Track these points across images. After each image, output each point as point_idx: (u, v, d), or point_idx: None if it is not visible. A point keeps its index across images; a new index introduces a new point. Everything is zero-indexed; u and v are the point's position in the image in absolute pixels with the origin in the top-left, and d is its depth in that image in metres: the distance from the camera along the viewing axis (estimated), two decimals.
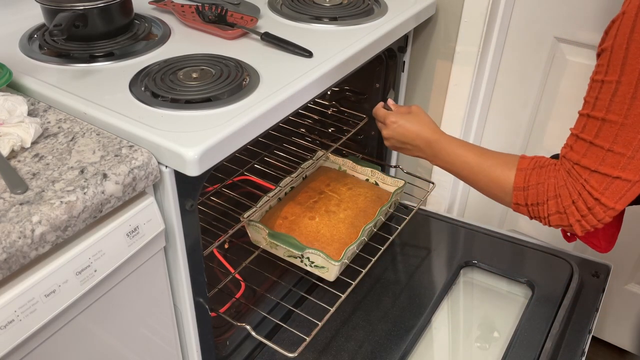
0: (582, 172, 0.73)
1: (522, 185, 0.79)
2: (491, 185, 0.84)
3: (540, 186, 0.77)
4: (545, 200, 0.77)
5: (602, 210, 0.73)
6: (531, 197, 0.78)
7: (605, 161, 0.70)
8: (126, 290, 0.78)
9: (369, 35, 1.04)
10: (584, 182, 0.72)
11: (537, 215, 0.79)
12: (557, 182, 0.76)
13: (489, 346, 1.13)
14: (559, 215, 0.76)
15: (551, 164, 0.78)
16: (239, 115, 0.80)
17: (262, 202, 1.20)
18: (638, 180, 0.70)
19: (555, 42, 1.23)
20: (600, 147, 0.70)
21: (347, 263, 1.15)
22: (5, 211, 0.62)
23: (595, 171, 0.71)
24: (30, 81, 0.86)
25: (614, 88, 0.67)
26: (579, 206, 0.74)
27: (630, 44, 0.65)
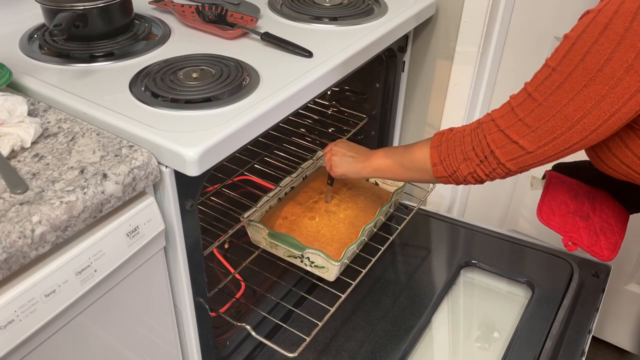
0: (492, 127, 0.79)
1: (436, 144, 0.87)
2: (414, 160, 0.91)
3: (449, 141, 0.86)
4: (453, 150, 0.84)
5: (495, 162, 0.80)
6: (443, 152, 0.86)
7: (513, 127, 0.77)
8: (126, 290, 0.78)
9: (369, 35, 1.04)
10: (488, 134, 0.80)
11: (452, 170, 0.85)
12: (464, 132, 0.84)
13: (489, 346, 1.13)
14: (465, 163, 0.83)
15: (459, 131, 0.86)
16: (239, 115, 0.80)
17: (262, 202, 1.20)
18: (532, 152, 0.77)
19: (555, 42, 1.23)
20: (516, 114, 0.77)
21: (347, 263, 1.15)
22: (5, 211, 0.62)
23: (502, 131, 0.78)
24: (30, 81, 0.86)
25: (549, 73, 0.73)
26: (477, 152, 0.81)
27: (577, 41, 0.69)
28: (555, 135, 0.74)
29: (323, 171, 1.37)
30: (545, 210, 0.99)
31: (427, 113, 1.42)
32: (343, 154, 1.06)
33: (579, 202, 0.99)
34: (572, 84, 0.70)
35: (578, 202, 0.99)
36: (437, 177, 0.89)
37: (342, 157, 1.06)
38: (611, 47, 0.66)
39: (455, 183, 0.88)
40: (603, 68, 0.67)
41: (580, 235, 0.95)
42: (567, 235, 0.96)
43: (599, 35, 0.67)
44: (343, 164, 1.06)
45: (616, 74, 0.66)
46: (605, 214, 0.98)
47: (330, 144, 1.11)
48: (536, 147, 0.76)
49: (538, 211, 1.00)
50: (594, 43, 0.67)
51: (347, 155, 1.06)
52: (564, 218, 0.98)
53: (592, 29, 0.68)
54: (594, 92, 0.69)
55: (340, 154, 1.07)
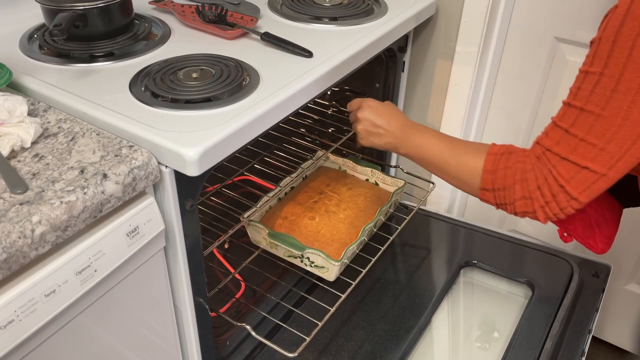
0: (552, 158, 0.72)
1: (491, 168, 0.79)
2: (460, 170, 0.83)
3: (508, 170, 0.77)
4: (512, 184, 0.76)
5: (566, 199, 0.72)
6: (499, 181, 0.78)
7: (576, 150, 0.70)
8: (126, 290, 0.78)
9: (369, 35, 1.04)
10: (552, 167, 0.72)
11: (503, 202, 0.79)
12: (525, 166, 0.75)
13: (489, 346, 1.13)
14: (524, 201, 0.76)
15: (521, 150, 0.78)
16: (239, 115, 0.80)
17: (262, 202, 1.20)
18: (605, 174, 0.69)
19: (555, 42, 1.23)
20: (574, 135, 0.70)
21: (347, 263, 1.15)
22: (5, 211, 0.62)
23: (565, 159, 0.71)
24: (30, 81, 0.86)
25: (597, 79, 0.67)
26: (544, 192, 0.73)
27: (618, 37, 0.65)
28: (627, 146, 0.67)
29: (323, 171, 1.37)
30: None
31: (427, 113, 1.42)
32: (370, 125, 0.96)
33: None
34: (627, 84, 0.65)
35: None
36: (481, 198, 0.82)
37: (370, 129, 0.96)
38: None
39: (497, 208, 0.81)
40: None
41: (575, 227, 0.95)
42: (563, 227, 0.95)
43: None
44: (370, 139, 0.97)
45: None
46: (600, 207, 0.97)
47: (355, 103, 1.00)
48: (609, 167, 0.69)
49: None
50: (637, 35, 0.63)
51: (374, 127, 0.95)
52: None
53: (631, 21, 0.64)
54: None
55: (367, 124, 0.96)
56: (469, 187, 0.83)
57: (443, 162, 0.87)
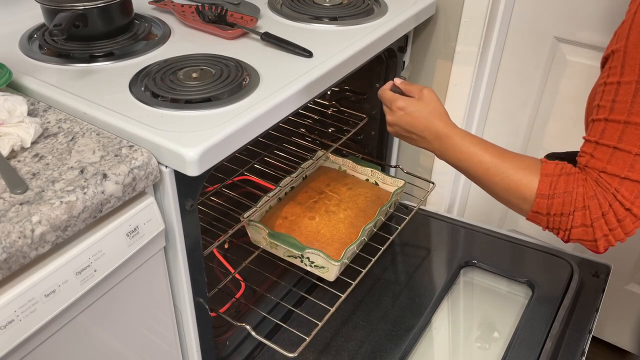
0: (611, 180, 0.67)
1: (547, 192, 0.72)
2: (509, 190, 0.76)
3: (567, 195, 0.71)
4: (571, 212, 0.70)
5: (632, 222, 0.68)
6: (556, 207, 0.72)
7: (634, 167, 0.65)
8: (126, 290, 0.78)
9: (369, 35, 1.04)
10: (615, 191, 0.67)
11: (557, 227, 0.73)
12: (587, 191, 0.69)
13: (489, 346, 1.13)
14: (584, 229, 0.70)
15: (578, 172, 0.72)
16: (239, 115, 0.80)
17: (262, 202, 1.20)
18: None
19: (555, 42, 1.23)
20: (627, 151, 0.65)
21: (347, 263, 1.15)
22: (5, 211, 0.62)
23: (626, 178, 0.66)
24: (30, 81, 0.86)
25: (635, 88, 0.64)
26: (609, 219, 0.68)
27: None
28: None
29: (323, 171, 1.37)
30: None
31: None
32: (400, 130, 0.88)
33: None
34: None
35: None
36: (529, 219, 0.76)
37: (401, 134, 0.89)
38: None
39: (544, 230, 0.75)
40: None
41: None
42: None
43: None
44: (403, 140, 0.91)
45: None
46: None
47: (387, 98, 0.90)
48: None
49: None
50: None
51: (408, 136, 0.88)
52: None
53: None
54: None
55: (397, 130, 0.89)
56: (517, 208, 0.77)
57: (488, 179, 0.79)
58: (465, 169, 0.82)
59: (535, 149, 1.38)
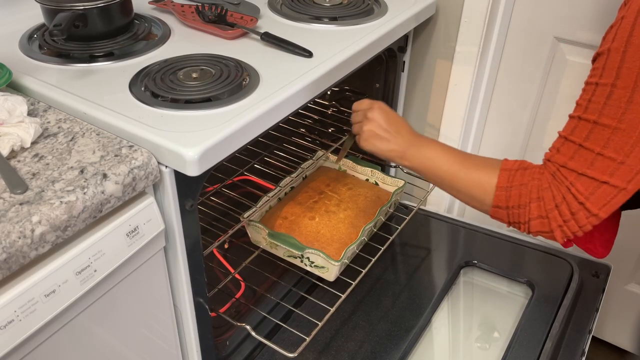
0: (568, 174, 0.70)
1: (505, 185, 0.76)
2: (471, 186, 0.80)
3: (523, 187, 0.74)
4: (527, 203, 0.74)
5: (585, 216, 0.71)
6: (513, 199, 0.75)
7: (593, 165, 0.68)
8: (126, 290, 0.78)
9: (369, 35, 1.04)
10: (570, 185, 0.70)
11: (517, 220, 0.76)
12: (541, 184, 0.73)
13: (489, 346, 1.13)
14: (540, 220, 0.73)
15: (536, 167, 0.76)
16: (239, 115, 0.80)
17: (262, 202, 1.20)
18: (624, 187, 0.68)
19: (555, 42, 1.23)
20: (590, 150, 0.68)
21: (347, 263, 1.15)
22: (5, 211, 0.62)
23: (583, 174, 0.69)
24: (30, 81, 0.86)
25: (609, 91, 0.66)
26: (562, 210, 0.71)
27: (628, 47, 0.64)
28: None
29: (323, 171, 1.37)
30: None
31: (427, 113, 1.42)
32: (378, 128, 0.90)
33: None
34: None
35: None
36: (493, 216, 0.79)
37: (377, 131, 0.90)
38: None
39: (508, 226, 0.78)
40: None
41: None
42: None
43: None
44: (375, 142, 0.91)
45: None
46: None
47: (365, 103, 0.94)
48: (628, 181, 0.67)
49: None
50: None
51: (383, 131, 0.89)
52: None
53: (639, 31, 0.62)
54: None
55: (375, 126, 0.90)
56: (480, 204, 0.80)
57: (453, 177, 0.83)
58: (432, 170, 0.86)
59: (535, 149, 1.38)
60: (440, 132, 1.41)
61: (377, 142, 0.91)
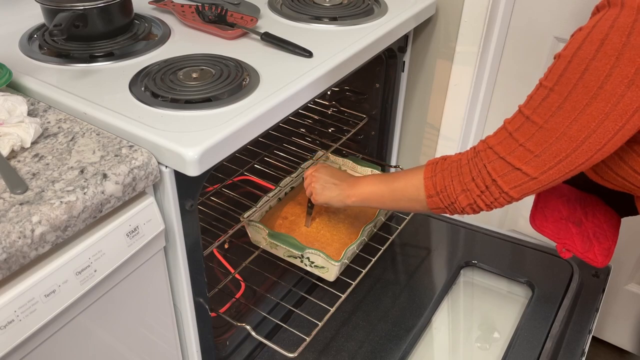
0: (490, 154, 0.77)
1: (430, 174, 0.84)
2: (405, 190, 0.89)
3: (445, 171, 0.82)
4: (450, 182, 0.81)
5: (497, 191, 0.77)
6: (439, 183, 0.83)
7: (514, 152, 0.74)
8: (126, 290, 0.78)
9: (369, 35, 1.04)
10: (487, 162, 0.77)
11: (449, 202, 0.82)
12: (460, 162, 0.81)
13: (489, 346, 1.13)
14: (464, 194, 0.80)
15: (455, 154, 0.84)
16: (239, 115, 0.80)
17: (262, 202, 1.20)
18: (536, 177, 0.74)
19: (555, 42, 1.23)
20: (516, 140, 0.74)
21: (347, 263, 1.15)
22: (5, 211, 0.62)
23: (502, 158, 0.75)
24: (30, 81, 0.86)
25: (546, 94, 0.71)
26: (478, 183, 0.78)
27: (574, 58, 0.67)
28: (560, 158, 0.71)
29: None
30: (538, 217, 0.99)
31: (427, 113, 1.42)
32: (325, 181, 1.03)
33: (571, 207, 0.99)
34: (572, 104, 0.68)
35: (570, 207, 0.99)
36: (432, 208, 0.86)
37: (325, 184, 1.02)
38: (610, 63, 0.64)
39: (450, 214, 0.85)
40: (603, 85, 0.65)
41: (574, 242, 0.95)
42: (561, 242, 0.96)
43: (595, 52, 0.65)
44: (325, 193, 1.02)
45: (617, 91, 0.65)
46: (597, 219, 0.97)
47: (311, 169, 1.07)
48: (540, 173, 0.73)
49: (531, 218, 1.00)
50: (591, 60, 0.65)
51: (329, 183, 1.02)
52: (557, 224, 0.98)
53: (588, 45, 0.66)
54: (596, 110, 0.67)
55: (322, 181, 1.03)
56: (418, 202, 0.87)
57: (390, 191, 0.92)
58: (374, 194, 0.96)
59: None
60: (440, 132, 1.41)
61: (327, 192, 1.02)
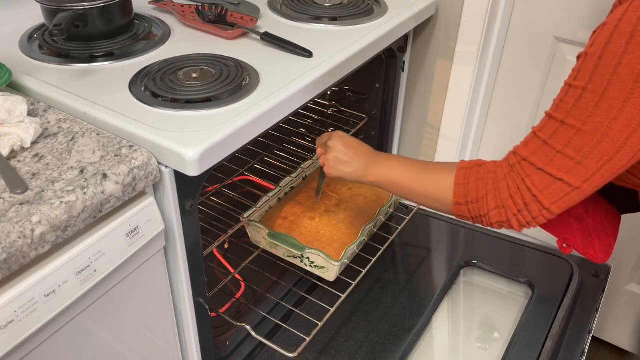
0: (527, 167, 0.73)
1: (462, 181, 0.79)
2: (432, 189, 0.83)
3: (480, 181, 0.77)
4: (484, 195, 0.77)
5: (537, 209, 0.73)
6: (471, 193, 0.78)
7: (553, 161, 0.70)
8: (126, 290, 0.78)
9: (369, 35, 1.04)
10: (525, 177, 0.73)
11: (478, 214, 0.78)
12: (497, 176, 0.76)
13: (489, 346, 1.13)
14: (497, 211, 0.76)
15: (491, 162, 0.79)
16: (239, 115, 0.80)
17: (262, 202, 1.20)
18: (579, 187, 0.70)
19: (555, 42, 1.23)
20: (552, 147, 0.70)
21: (347, 263, 1.15)
22: (5, 211, 0.62)
23: (541, 169, 0.71)
24: (30, 81, 0.86)
25: (579, 94, 0.67)
26: (516, 200, 0.74)
27: (604, 53, 0.65)
28: (604, 161, 0.67)
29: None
30: None
31: (427, 113, 1.42)
32: (341, 153, 0.95)
33: None
34: (610, 101, 0.65)
35: None
36: (457, 215, 0.81)
37: (340, 156, 0.95)
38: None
39: (473, 223, 0.81)
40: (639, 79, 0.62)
41: (574, 237, 0.95)
42: (562, 237, 0.95)
43: (626, 45, 0.63)
44: (340, 167, 0.95)
45: None
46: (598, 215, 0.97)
47: (325, 137, 0.99)
48: (583, 181, 0.69)
49: None
50: (623, 53, 0.63)
51: (346, 156, 0.94)
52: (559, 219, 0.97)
53: (618, 38, 0.63)
54: (635, 107, 0.63)
55: (338, 153, 0.95)
56: (443, 205, 0.83)
57: (414, 183, 0.86)
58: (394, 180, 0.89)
59: None
60: (440, 132, 1.41)
61: (341, 167, 0.96)
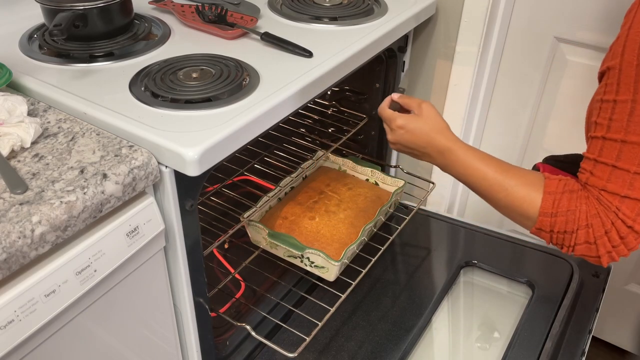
0: (611, 199, 0.68)
1: (550, 211, 0.73)
2: (512, 207, 0.77)
3: (570, 214, 0.71)
4: (574, 230, 0.71)
5: (634, 238, 0.69)
6: (559, 225, 0.73)
7: (633, 185, 0.66)
8: (126, 290, 0.78)
9: (369, 35, 1.04)
10: (617, 210, 0.68)
11: (561, 243, 0.74)
12: (589, 210, 0.70)
13: (489, 346, 1.13)
14: (587, 246, 0.71)
15: (581, 190, 0.73)
16: (239, 115, 0.80)
17: (262, 202, 1.19)
18: None
19: (555, 42, 1.23)
20: (625, 170, 0.66)
21: (347, 263, 1.15)
22: (5, 211, 0.62)
23: (625, 197, 0.67)
24: (30, 81, 0.86)
25: (630, 107, 0.64)
26: (612, 237, 0.69)
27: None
28: None
29: (323, 171, 1.37)
30: None
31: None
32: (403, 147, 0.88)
33: None
34: None
35: None
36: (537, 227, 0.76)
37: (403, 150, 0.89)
38: None
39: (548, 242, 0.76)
40: None
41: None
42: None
43: None
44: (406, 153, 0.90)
45: None
46: None
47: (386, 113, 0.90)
48: None
49: None
50: None
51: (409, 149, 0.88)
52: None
53: None
54: None
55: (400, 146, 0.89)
56: (522, 224, 0.78)
57: (492, 194, 0.79)
58: (469, 183, 0.83)
59: (535, 149, 1.38)
60: None
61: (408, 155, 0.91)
